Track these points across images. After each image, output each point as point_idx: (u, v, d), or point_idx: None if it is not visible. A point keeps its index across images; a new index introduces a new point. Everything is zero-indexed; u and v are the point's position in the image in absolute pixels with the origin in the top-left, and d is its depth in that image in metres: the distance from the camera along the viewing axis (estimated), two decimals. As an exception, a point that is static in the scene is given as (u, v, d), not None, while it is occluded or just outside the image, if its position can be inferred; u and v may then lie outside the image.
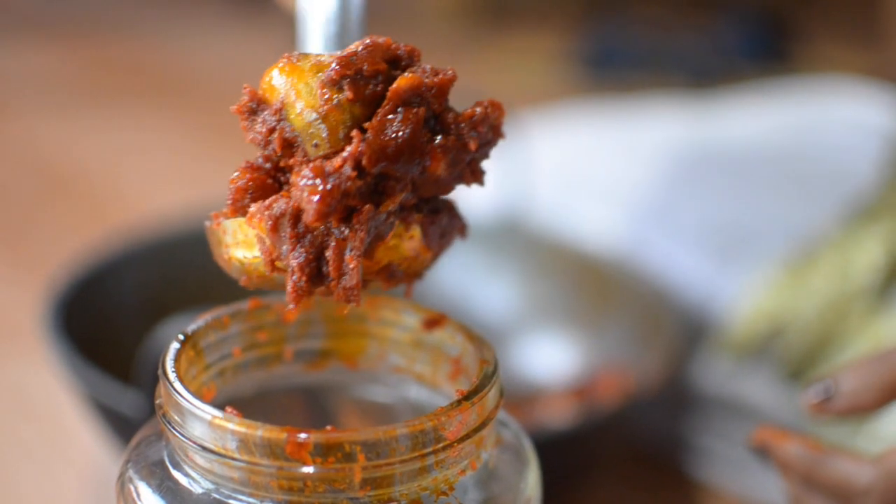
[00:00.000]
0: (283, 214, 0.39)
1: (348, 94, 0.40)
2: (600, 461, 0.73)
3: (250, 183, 0.41)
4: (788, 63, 1.54)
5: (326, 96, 0.40)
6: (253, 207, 0.40)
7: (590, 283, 0.82)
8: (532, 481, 0.43)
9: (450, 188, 0.42)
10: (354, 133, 0.39)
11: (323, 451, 0.37)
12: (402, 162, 0.40)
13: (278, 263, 0.40)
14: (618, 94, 1.35)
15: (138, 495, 0.40)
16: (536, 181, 0.88)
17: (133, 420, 0.61)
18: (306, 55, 0.41)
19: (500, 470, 0.42)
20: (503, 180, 0.88)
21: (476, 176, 0.42)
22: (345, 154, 0.39)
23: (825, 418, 0.50)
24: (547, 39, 1.72)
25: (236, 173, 0.42)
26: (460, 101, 0.42)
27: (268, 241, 0.40)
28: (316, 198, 0.38)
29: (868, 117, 0.92)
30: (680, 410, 0.76)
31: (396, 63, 0.41)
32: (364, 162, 0.39)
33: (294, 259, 0.39)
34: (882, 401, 0.49)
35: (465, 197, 0.46)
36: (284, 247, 0.39)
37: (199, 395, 0.40)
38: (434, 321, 0.46)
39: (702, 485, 0.75)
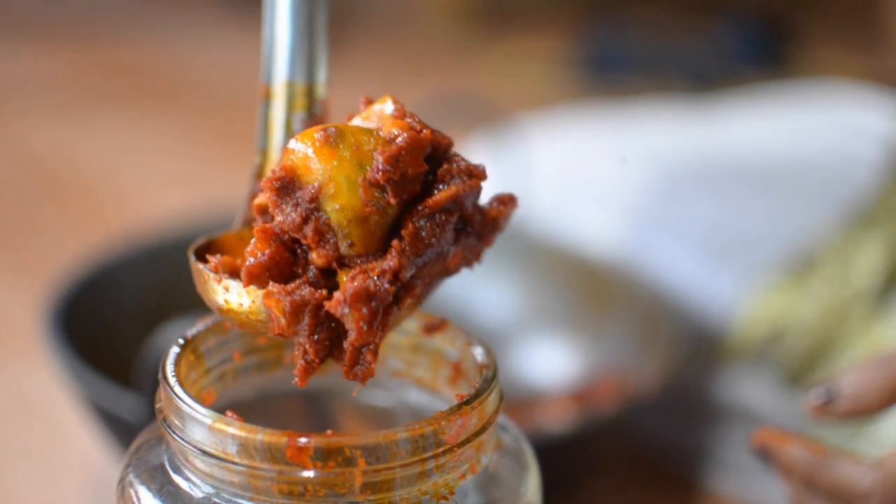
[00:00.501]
0: (305, 303, 0.39)
1: (391, 199, 0.39)
2: (600, 466, 0.73)
3: (271, 260, 0.40)
4: (787, 67, 1.54)
5: (369, 199, 0.39)
6: (272, 286, 0.39)
7: (589, 288, 0.82)
8: (532, 485, 0.43)
9: (455, 273, 0.42)
10: (395, 244, 0.39)
11: (323, 456, 0.37)
12: (431, 265, 0.40)
13: (285, 334, 0.39)
14: (617, 97, 1.35)
15: (139, 499, 0.40)
16: (536, 185, 0.88)
17: (133, 424, 0.61)
18: (342, 132, 0.40)
19: (500, 474, 0.42)
20: (502, 184, 0.88)
21: (478, 259, 0.43)
22: (385, 267, 0.38)
23: (826, 421, 0.50)
24: (546, 43, 1.72)
25: (255, 242, 0.40)
26: (460, 104, 0.42)
27: (283, 321, 0.39)
28: (361, 323, 0.38)
29: (867, 122, 0.92)
30: (679, 415, 0.76)
31: (433, 157, 0.40)
32: (401, 274, 0.39)
33: (310, 344, 0.39)
34: (883, 403, 0.49)
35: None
36: (301, 332, 0.39)
37: (199, 400, 0.40)
38: (434, 326, 0.46)
39: (701, 489, 0.75)
